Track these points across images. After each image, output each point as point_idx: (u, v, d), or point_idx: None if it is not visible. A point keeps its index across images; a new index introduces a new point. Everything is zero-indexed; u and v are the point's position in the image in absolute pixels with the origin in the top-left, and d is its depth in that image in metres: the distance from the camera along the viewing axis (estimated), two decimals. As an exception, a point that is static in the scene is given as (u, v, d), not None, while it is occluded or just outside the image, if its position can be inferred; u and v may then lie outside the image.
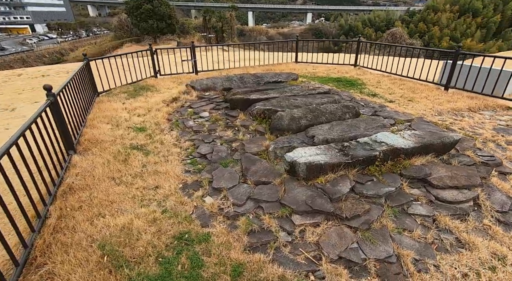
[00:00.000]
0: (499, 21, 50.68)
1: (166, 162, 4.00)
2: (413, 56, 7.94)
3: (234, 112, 5.21)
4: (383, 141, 3.48)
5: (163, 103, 6.21)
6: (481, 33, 50.89)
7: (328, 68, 9.20)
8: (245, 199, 3.08)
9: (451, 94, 6.50)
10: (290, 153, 3.30)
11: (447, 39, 50.47)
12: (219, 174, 3.51)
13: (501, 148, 4.22)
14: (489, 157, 3.64)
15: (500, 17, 50.47)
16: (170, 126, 5.15)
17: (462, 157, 3.62)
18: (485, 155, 3.69)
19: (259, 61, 9.92)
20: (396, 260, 2.42)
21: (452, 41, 49.34)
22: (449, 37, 50.98)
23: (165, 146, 4.43)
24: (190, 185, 3.49)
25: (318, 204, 2.83)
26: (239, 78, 6.87)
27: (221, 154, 3.95)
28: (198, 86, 6.50)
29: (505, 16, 50.71)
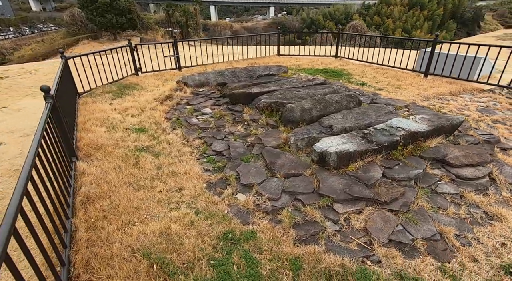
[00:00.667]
0: (442, 13, 54.99)
1: (180, 162, 3.80)
2: (378, 46, 8.30)
3: (238, 107, 5.08)
4: (399, 126, 3.61)
5: (156, 102, 5.87)
6: (428, 25, 54.84)
7: (311, 60, 9.32)
8: (280, 193, 3.02)
9: (431, 80, 6.92)
10: (318, 143, 3.29)
11: (400, 30, 53.64)
12: (244, 170, 3.41)
13: (489, 127, 4.59)
14: (489, 135, 3.94)
15: (443, 10, 54.78)
16: (172, 125, 4.89)
17: (467, 137, 3.88)
18: (485, 134, 4.00)
19: (243, 55, 9.75)
20: (440, 237, 2.53)
21: (404, 32, 52.59)
22: (402, 29, 54.22)
23: (174, 146, 4.20)
24: (215, 184, 3.34)
25: (356, 191, 2.86)
26: (231, 72, 6.69)
27: (239, 150, 3.83)
28: (191, 82, 6.23)
29: (446, 9, 55.17)
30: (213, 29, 66.59)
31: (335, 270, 2.25)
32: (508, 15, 65.11)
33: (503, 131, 4.40)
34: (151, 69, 8.31)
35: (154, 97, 6.14)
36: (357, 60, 8.85)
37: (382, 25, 54.24)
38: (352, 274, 2.22)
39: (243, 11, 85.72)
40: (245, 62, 9.13)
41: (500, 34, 27.01)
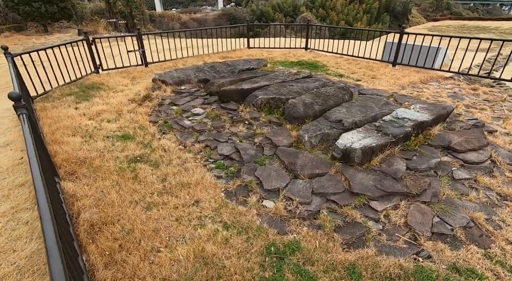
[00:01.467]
0: (378, 7, 59.34)
1: (186, 171, 3.38)
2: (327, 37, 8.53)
3: (231, 105, 4.72)
4: (405, 117, 3.66)
5: (132, 103, 5.20)
6: (366, 17, 58.73)
7: (283, 53, 9.19)
8: (310, 195, 2.84)
9: (400, 70, 7.30)
10: (340, 140, 3.17)
11: (343, 23, 56.62)
12: (263, 174, 3.15)
13: (465, 111, 4.96)
14: (475, 120, 4.23)
15: (378, 4, 59.14)
16: (160, 129, 4.36)
17: (458, 123, 4.12)
18: (472, 119, 4.29)
19: (213, 48, 9.21)
20: (473, 223, 2.61)
21: (347, 24, 55.64)
22: (345, 21, 57.24)
23: (172, 153, 3.73)
24: (235, 192, 3.03)
25: (388, 186, 2.82)
26: (210, 67, 6.24)
27: (249, 152, 3.54)
28: (170, 79, 5.64)
29: (381, 3, 59.63)
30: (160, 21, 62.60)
31: (395, 273, 2.17)
32: (429, 9, 72.84)
33: (478, 115, 4.78)
34: (114, 66, 7.39)
35: (128, 98, 5.44)
36: (327, 51, 8.97)
37: (327, 17, 56.65)
38: (413, 274, 2.15)
39: (189, 2, 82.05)
40: (216, 56, 8.64)
41: (429, 26, 29.92)
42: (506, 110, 5.15)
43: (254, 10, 63.41)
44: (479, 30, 24.90)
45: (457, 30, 25.71)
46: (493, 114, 4.95)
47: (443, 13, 62.25)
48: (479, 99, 5.67)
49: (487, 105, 5.36)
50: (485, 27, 26.65)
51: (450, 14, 62.06)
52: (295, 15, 54.37)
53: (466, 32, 23.64)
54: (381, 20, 60.09)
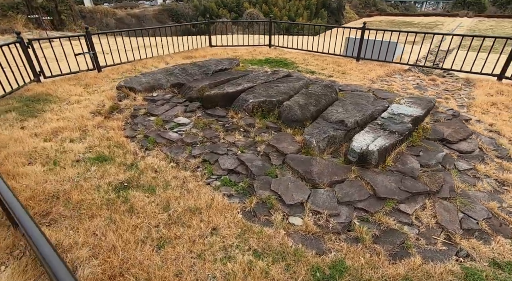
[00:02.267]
0: (316, 3, 62.25)
1: (189, 193, 2.93)
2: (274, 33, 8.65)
3: (219, 111, 4.30)
4: (400, 112, 3.70)
5: (98, 116, 4.42)
6: (307, 13, 61.19)
7: (248, 51, 8.88)
8: (337, 206, 2.66)
9: (365, 64, 7.57)
10: (354, 143, 3.04)
11: (286, 18, 58.12)
12: (280, 187, 2.87)
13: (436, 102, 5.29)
14: (452, 110, 4.50)
15: (316, 0, 62.01)
16: (142, 145, 3.76)
17: (439, 114, 4.34)
18: (449, 109, 4.55)
19: (173, 48, 8.45)
20: (491, 214, 2.70)
21: (290, 19, 57.31)
22: (287, 17, 58.78)
23: (165, 173, 3.22)
24: (254, 211, 2.71)
25: (410, 186, 2.77)
26: (181, 70, 5.65)
27: (256, 164, 3.21)
28: (138, 86, 4.95)
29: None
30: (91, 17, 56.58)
31: (449, 280, 2.10)
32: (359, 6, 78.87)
33: (445, 104, 5.13)
34: (59, 73, 6.28)
35: (90, 110, 4.62)
36: (291, 48, 8.92)
37: (270, 13, 57.54)
38: (464, 278, 2.11)
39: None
40: (179, 56, 7.96)
41: (360, 22, 32.09)
42: (465, 98, 5.64)
43: (196, 5, 61.37)
44: (406, 25, 27.68)
45: (389, 25, 28.23)
46: (456, 103, 5.37)
47: (371, 10, 67.85)
48: (440, 89, 6.13)
49: (449, 94, 5.82)
50: (410, 22, 29.73)
51: (377, 10, 67.99)
52: (239, 11, 54.21)
53: (396, 27, 26.06)
54: (320, 15, 63.14)
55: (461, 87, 6.14)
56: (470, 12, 39.15)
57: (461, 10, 42.58)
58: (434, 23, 29.45)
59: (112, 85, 5.75)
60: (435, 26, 28.16)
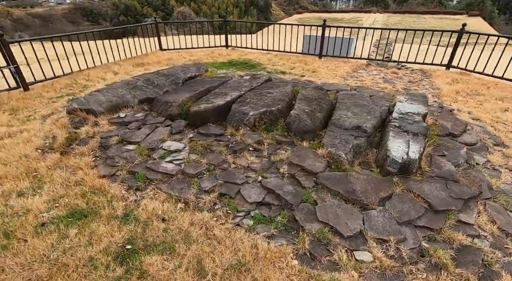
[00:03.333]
0: (244, 1, 62.77)
1: (221, 243, 2.29)
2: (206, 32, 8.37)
3: (213, 129, 3.60)
4: (407, 111, 3.60)
5: (51, 154, 3.29)
6: (236, 11, 61.26)
7: (206, 53, 8.09)
8: (399, 228, 2.34)
9: (329, 61, 7.56)
10: (393, 152, 2.75)
11: (217, 16, 57.20)
12: (329, 215, 2.42)
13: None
14: (437, 103, 4.64)
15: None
16: (129, 185, 2.88)
17: (431, 108, 4.41)
18: (433, 101, 4.68)
19: (118, 53, 7.15)
20: (528, 206, 2.71)
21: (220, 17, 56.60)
22: (218, 14, 57.91)
23: (178, 220, 2.49)
24: (310, 253, 2.21)
25: (459, 192, 2.62)
26: (145, 81, 4.70)
27: (287, 189, 2.69)
28: (97, 106, 3.88)
29: (247, -4, 63.26)
30: (-23, 17, 46.62)
31: (546, 293, 1.95)
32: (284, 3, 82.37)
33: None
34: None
35: (34, 145, 3.43)
36: (249, 48, 8.45)
37: (200, 11, 55.83)
38: (557, 287, 1.99)
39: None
40: (129, 64, 6.76)
41: (297, 18, 33.39)
42: (430, 88, 5.99)
43: (116, 4, 56.04)
44: (334, 21, 29.65)
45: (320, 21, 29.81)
46: (426, 94, 5.64)
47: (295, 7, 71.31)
48: (405, 81, 6.42)
49: (415, 86, 6.12)
50: (335, 18, 31.93)
51: (300, 7, 71.86)
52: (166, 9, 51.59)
53: (328, 23, 27.67)
54: (250, 13, 63.88)
55: (422, 78, 6.54)
56: (377, 8, 43.97)
57: (371, 7, 47.60)
58: (355, 19, 32.13)
59: (54, 107, 4.48)
60: (357, 21, 30.76)
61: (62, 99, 4.85)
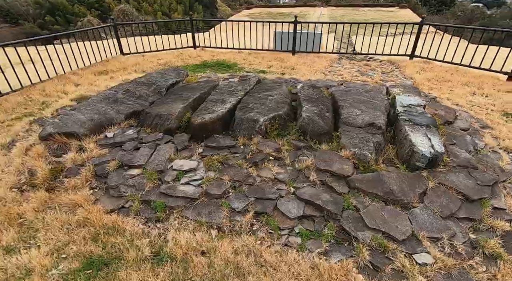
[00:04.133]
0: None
1: (278, 269, 2.09)
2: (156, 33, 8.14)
3: (223, 140, 3.30)
4: (409, 103, 3.73)
5: (34, 192, 2.70)
6: (181, 8, 59.05)
7: (175, 55, 7.53)
8: (446, 222, 2.38)
9: (303, 57, 7.60)
10: (418, 147, 2.79)
11: (160, 14, 54.52)
12: (377, 220, 2.37)
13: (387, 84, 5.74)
14: (422, 92, 4.91)
15: (189, -6, 60.52)
16: (145, 217, 2.49)
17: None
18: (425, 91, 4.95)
19: (75, 60, 6.25)
20: (533, 183, 2.98)
21: (165, 15, 54.08)
22: (161, 12, 55.22)
23: (221, 250, 2.21)
24: (373, 265, 2.13)
25: (483, 178, 2.77)
26: (125, 92, 4.16)
27: (324, 198, 2.57)
28: (79, 128, 3.30)
29: (191, -8, 61.33)
30: None
31: None
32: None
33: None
34: None
35: (7, 184, 2.78)
36: (219, 47, 8.10)
37: (141, 9, 52.60)
38: None
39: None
40: (89, 73, 5.97)
41: (247, 14, 33.31)
42: (403, 78, 6.36)
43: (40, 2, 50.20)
44: (286, 15, 30.26)
45: (270, 16, 30.12)
46: (402, 83, 5.98)
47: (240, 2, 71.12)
48: (379, 72, 6.73)
49: (390, 77, 6.44)
50: (284, 13, 32.63)
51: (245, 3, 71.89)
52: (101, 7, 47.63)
53: (278, 17, 28.14)
54: (196, 9, 61.83)
55: (393, 69, 6.92)
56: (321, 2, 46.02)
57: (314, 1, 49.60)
58: (303, 13, 33.14)
59: (13, 133, 3.73)
60: (305, 15, 31.79)
61: (21, 121, 4.07)
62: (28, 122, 3.98)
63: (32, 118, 4.08)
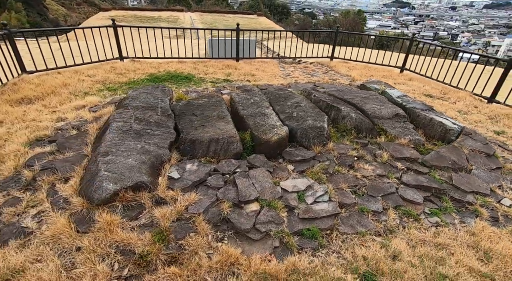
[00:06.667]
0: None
1: (453, 248, 2.48)
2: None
3: (299, 152, 3.27)
4: (398, 95, 4.79)
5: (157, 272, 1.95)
6: (-7, 5, 45.74)
7: (104, 70, 6.17)
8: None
9: (250, 63, 7.90)
10: (450, 125, 3.73)
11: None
12: (473, 185, 3.11)
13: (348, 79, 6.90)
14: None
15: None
16: (310, 248, 2.31)
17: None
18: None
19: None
20: (490, 137, 4.53)
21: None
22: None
23: (407, 251, 2.39)
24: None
25: (487, 145, 3.99)
26: (137, 121, 3.35)
27: (424, 179, 3.11)
28: (139, 175, 2.50)
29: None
30: None
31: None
32: (63, -3, 69.95)
33: (345, 82, 6.88)
34: None
35: None
36: (154, 58, 7.27)
37: None
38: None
39: None
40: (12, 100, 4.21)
41: (107, 16, 29.65)
42: (344, 75, 7.72)
43: None
44: (155, 20, 28.96)
45: (138, 20, 28.08)
46: (344, 80, 7.29)
47: (77, 2, 61.95)
48: (320, 72, 7.89)
49: (331, 76, 7.67)
50: (152, 17, 31.25)
51: (84, 2, 63.43)
52: None
53: (146, 22, 26.74)
54: (11, 7, 48.78)
55: (328, 69, 8.24)
56: (186, 8, 46.66)
57: (175, 5, 49.64)
58: (174, 18, 32.86)
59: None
60: (177, 19, 31.62)
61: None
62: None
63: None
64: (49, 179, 2.67)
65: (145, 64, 6.88)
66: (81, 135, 3.42)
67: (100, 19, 28.47)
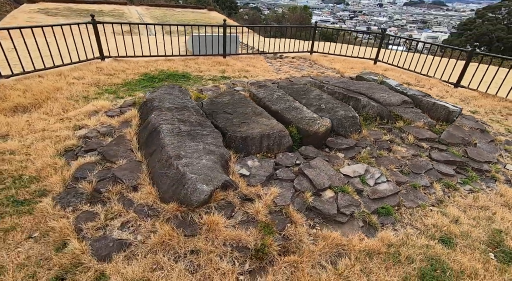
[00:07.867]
0: None
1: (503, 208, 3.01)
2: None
3: (341, 142, 3.54)
4: (396, 84, 5.37)
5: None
6: None
7: (91, 72, 5.70)
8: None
9: (239, 59, 7.94)
10: (452, 108, 4.34)
11: None
12: (482, 155, 3.71)
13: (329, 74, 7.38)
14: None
15: None
16: (391, 223, 2.61)
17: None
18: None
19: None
20: (472, 117, 5.35)
21: None
22: None
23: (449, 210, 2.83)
24: (505, 181, 3.46)
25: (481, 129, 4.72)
26: (181, 122, 3.30)
27: (448, 154, 3.64)
28: (220, 174, 2.54)
29: None
30: None
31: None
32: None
33: (332, 74, 7.40)
34: None
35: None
36: (139, 56, 6.92)
37: None
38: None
39: None
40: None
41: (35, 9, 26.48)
42: (330, 68, 8.21)
43: None
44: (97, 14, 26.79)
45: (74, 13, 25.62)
46: (330, 72, 7.79)
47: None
48: (306, 66, 8.28)
49: (317, 69, 8.12)
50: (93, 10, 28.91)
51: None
52: None
53: (86, 16, 24.68)
54: None
55: (312, 63, 8.67)
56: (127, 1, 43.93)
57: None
58: (119, 12, 30.81)
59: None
60: (123, 14, 29.69)
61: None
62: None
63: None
64: (116, 189, 2.55)
65: (132, 64, 6.53)
66: (121, 142, 3.25)
67: (27, 12, 25.32)
